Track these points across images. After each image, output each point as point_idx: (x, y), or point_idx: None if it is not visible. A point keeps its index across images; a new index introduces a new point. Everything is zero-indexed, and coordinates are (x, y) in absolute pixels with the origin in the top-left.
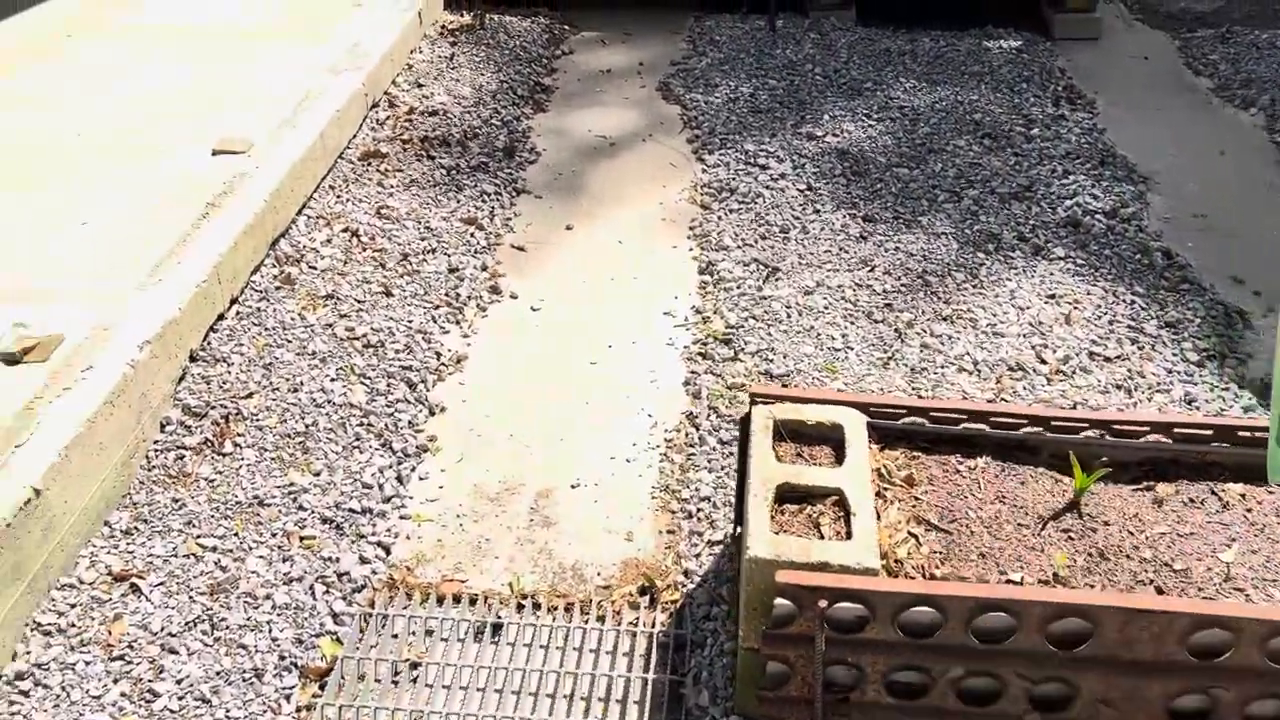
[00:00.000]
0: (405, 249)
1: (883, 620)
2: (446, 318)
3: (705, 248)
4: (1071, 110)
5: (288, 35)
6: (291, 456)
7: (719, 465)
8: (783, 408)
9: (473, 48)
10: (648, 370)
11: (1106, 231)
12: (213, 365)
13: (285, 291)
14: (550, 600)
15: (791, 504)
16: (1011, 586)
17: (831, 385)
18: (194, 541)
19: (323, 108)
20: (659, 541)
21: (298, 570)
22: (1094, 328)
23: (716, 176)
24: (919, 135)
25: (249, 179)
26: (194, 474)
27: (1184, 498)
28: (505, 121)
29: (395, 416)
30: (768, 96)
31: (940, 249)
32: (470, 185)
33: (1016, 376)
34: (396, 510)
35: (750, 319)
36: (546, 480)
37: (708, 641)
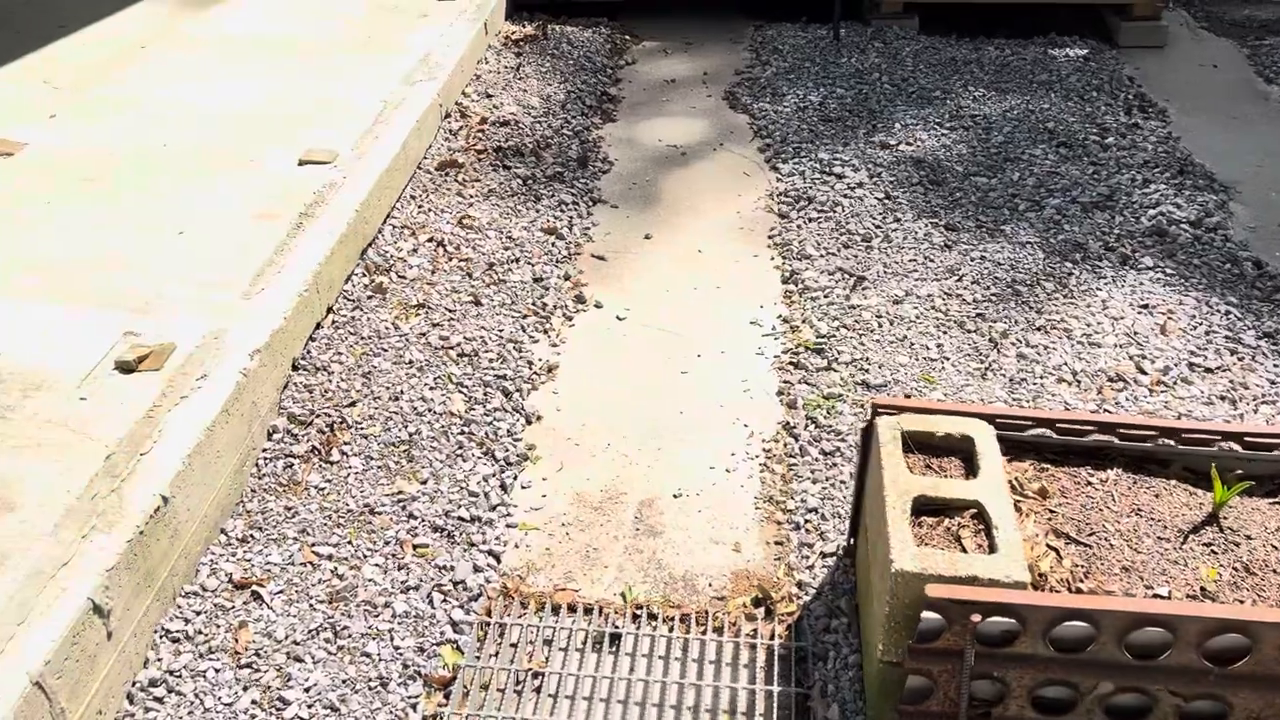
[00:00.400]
0: (490, 258)
1: (1033, 634)
2: (535, 327)
3: (787, 256)
4: (1145, 119)
5: (359, 47)
6: (397, 465)
7: (823, 476)
8: (909, 419)
9: (538, 58)
10: (739, 380)
11: (1193, 241)
12: (314, 374)
13: (377, 300)
14: (665, 610)
15: (928, 516)
16: (1170, 601)
17: (931, 395)
18: (309, 549)
19: (402, 118)
20: (768, 553)
21: (414, 579)
22: (1191, 338)
23: (793, 185)
24: (993, 144)
25: (338, 189)
26: (304, 482)
27: None
28: (576, 131)
29: (494, 425)
30: (837, 105)
31: (1027, 258)
32: (548, 195)
33: (1118, 387)
34: (503, 519)
35: (841, 328)
36: (648, 489)
37: (829, 654)
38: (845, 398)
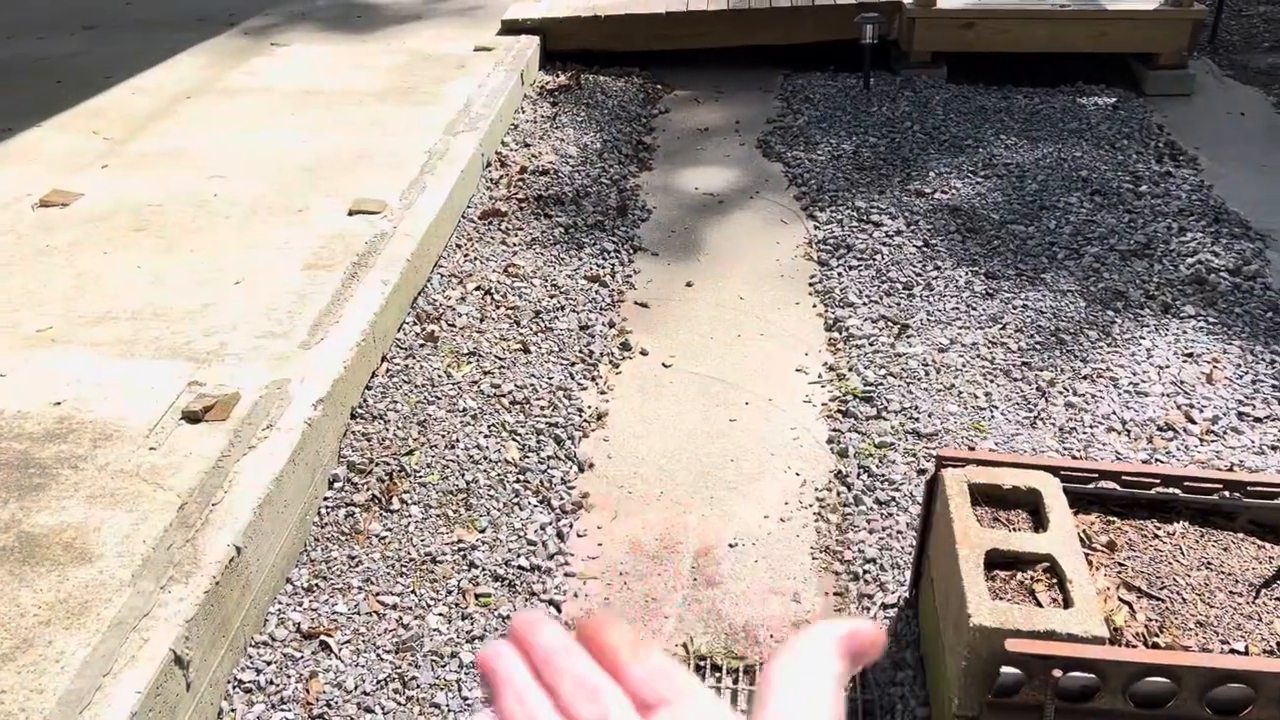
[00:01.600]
0: (536, 306)
1: (1113, 690)
2: (583, 374)
3: (829, 304)
4: (1176, 167)
5: (400, 97)
6: (456, 513)
7: (879, 526)
8: (974, 471)
9: (573, 107)
10: (788, 428)
11: (1233, 289)
12: (371, 422)
13: (429, 349)
14: (728, 662)
15: (1000, 569)
16: (1252, 658)
17: (982, 445)
18: (374, 599)
19: (447, 168)
20: (827, 603)
21: (478, 628)
22: (1238, 387)
23: (831, 233)
24: (1028, 192)
25: (389, 239)
26: (365, 531)
27: None
28: (614, 180)
29: (549, 473)
30: (870, 154)
31: (1068, 306)
32: (590, 243)
33: (1168, 437)
34: (561, 568)
35: (888, 376)
36: (703, 538)
37: (896, 707)
38: (897, 446)
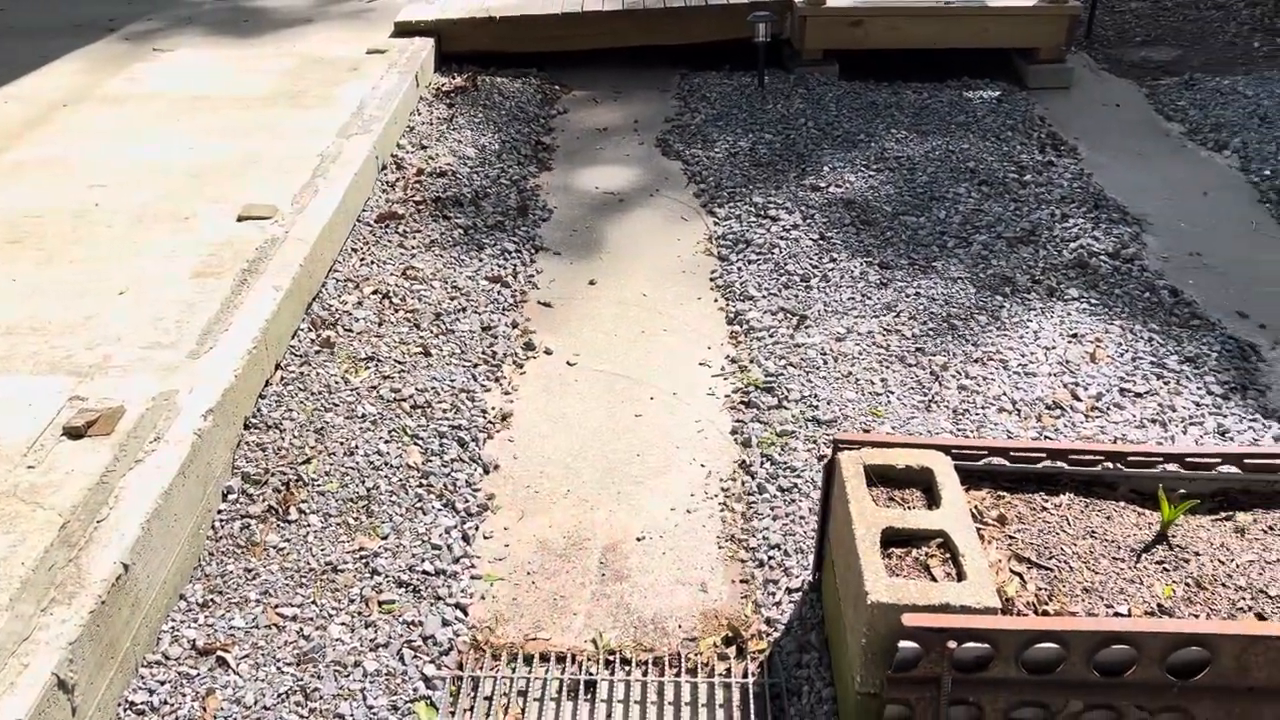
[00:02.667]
0: (437, 309)
1: (1006, 658)
2: (486, 375)
3: (730, 298)
4: (1058, 156)
5: (289, 102)
6: (357, 520)
7: (783, 513)
8: (870, 453)
9: (470, 109)
10: (693, 420)
11: (1113, 272)
12: (265, 432)
13: (325, 355)
14: (637, 655)
15: (896, 547)
16: (1134, 619)
17: (880, 429)
18: (273, 611)
19: (339, 172)
20: (734, 591)
21: (383, 636)
22: (1119, 365)
23: (730, 229)
24: (919, 184)
25: (280, 244)
26: (262, 542)
27: (1263, 526)
28: (513, 180)
29: (453, 476)
30: (766, 150)
31: (959, 293)
32: (490, 244)
33: (1055, 414)
34: (468, 571)
35: (788, 366)
36: (611, 534)
37: (803, 690)
38: (798, 434)
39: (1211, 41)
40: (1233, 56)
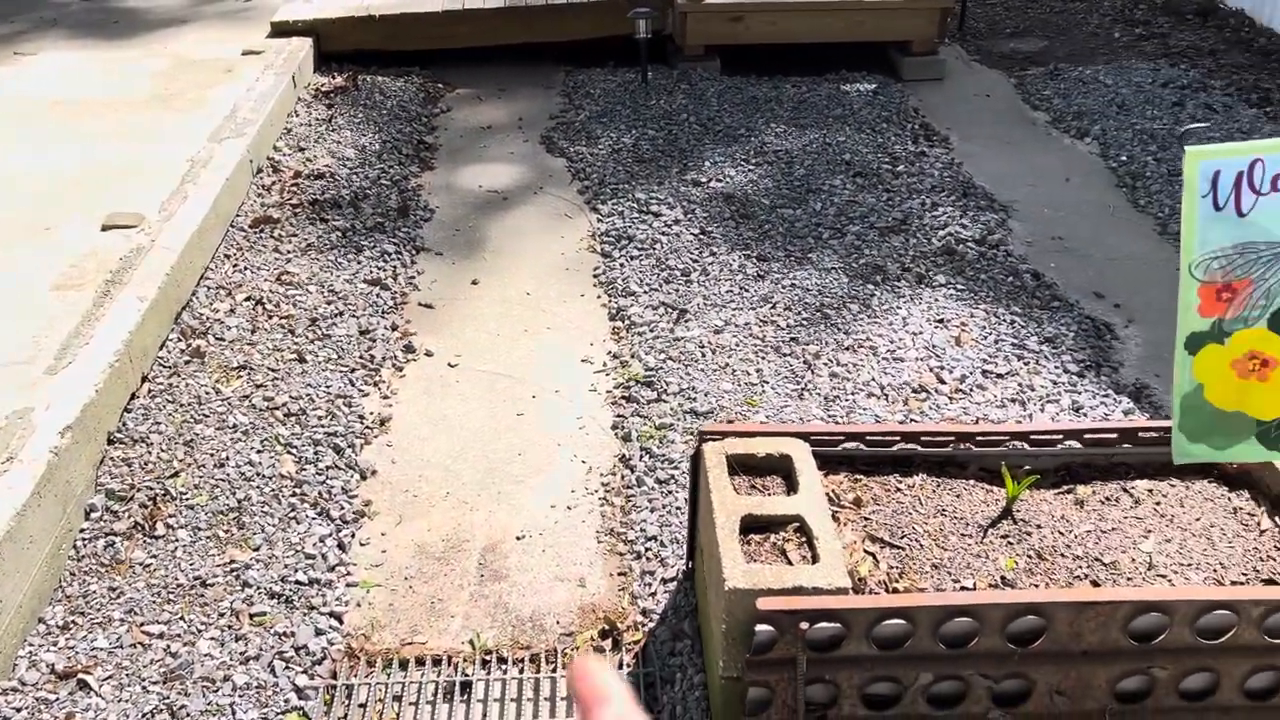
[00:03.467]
0: (312, 314)
1: (858, 636)
2: (364, 380)
3: (612, 294)
4: (930, 147)
5: (160, 105)
6: (228, 533)
7: (660, 504)
8: (731, 443)
9: (350, 109)
10: (574, 417)
11: (979, 258)
12: (131, 446)
13: (196, 365)
14: (514, 653)
15: (755, 533)
16: (976, 592)
17: (755, 418)
18: (139, 630)
19: (211, 176)
20: (612, 584)
21: (253, 649)
22: (982, 347)
23: (613, 225)
24: (796, 177)
25: (146, 253)
26: (128, 560)
27: (1100, 497)
28: (394, 180)
29: (328, 484)
30: (649, 146)
31: (833, 283)
32: (369, 246)
33: (921, 398)
34: (343, 579)
35: (668, 360)
36: (490, 534)
37: (676, 677)
38: (676, 426)
39: (1076, 33)
40: (1095, 47)
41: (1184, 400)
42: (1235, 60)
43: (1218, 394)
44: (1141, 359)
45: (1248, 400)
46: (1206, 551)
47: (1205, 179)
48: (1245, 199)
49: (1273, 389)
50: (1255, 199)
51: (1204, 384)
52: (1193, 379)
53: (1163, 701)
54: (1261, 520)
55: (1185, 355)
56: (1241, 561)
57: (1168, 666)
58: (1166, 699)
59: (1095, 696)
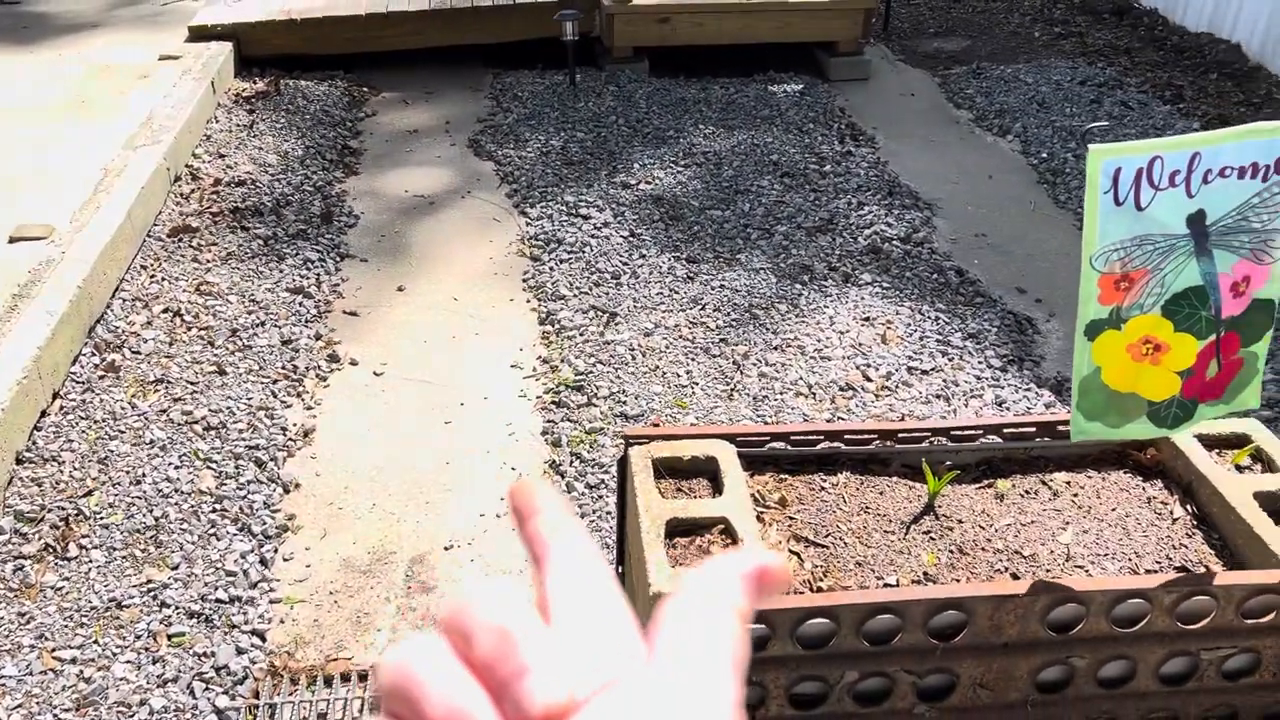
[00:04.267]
0: (233, 324)
1: (782, 636)
2: (287, 391)
3: (542, 298)
4: (856, 146)
5: (72, 112)
6: (144, 552)
7: (590, 510)
8: (657, 446)
9: (272, 114)
10: (504, 424)
11: (904, 256)
12: (41, 466)
13: (110, 380)
14: None
15: (681, 537)
16: (898, 588)
17: (685, 420)
18: (49, 656)
19: (125, 185)
20: None
21: (171, 670)
22: (908, 344)
23: (542, 229)
24: (724, 178)
25: (56, 265)
26: (37, 584)
27: (1020, 491)
28: (318, 186)
29: (249, 498)
30: (578, 149)
31: (761, 283)
32: (291, 254)
33: (848, 396)
34: (265, 595)
35: (598, 364)
36: (417, 546)
37: None
38: (606, 430)
39: (997, 32)
40: (1016, 46)
41: (1082, 382)
42: (1150, 58)
43: (1114, 376)
44: (1062, 352)
45: (1141, 382)
46: (1122, 541)
47: (1106, 176)
48: (1144, 194)
49: (1163, 372)
50: (1154, 194)
51: (1101, 366)
52: (1091, 362)
53: (1082, 690)
54: (1174, 509)
55: (1085, 341)
56: (1155, 550)
57: (1085, 656)
58: (1086, 687)
59: (1017, 688)
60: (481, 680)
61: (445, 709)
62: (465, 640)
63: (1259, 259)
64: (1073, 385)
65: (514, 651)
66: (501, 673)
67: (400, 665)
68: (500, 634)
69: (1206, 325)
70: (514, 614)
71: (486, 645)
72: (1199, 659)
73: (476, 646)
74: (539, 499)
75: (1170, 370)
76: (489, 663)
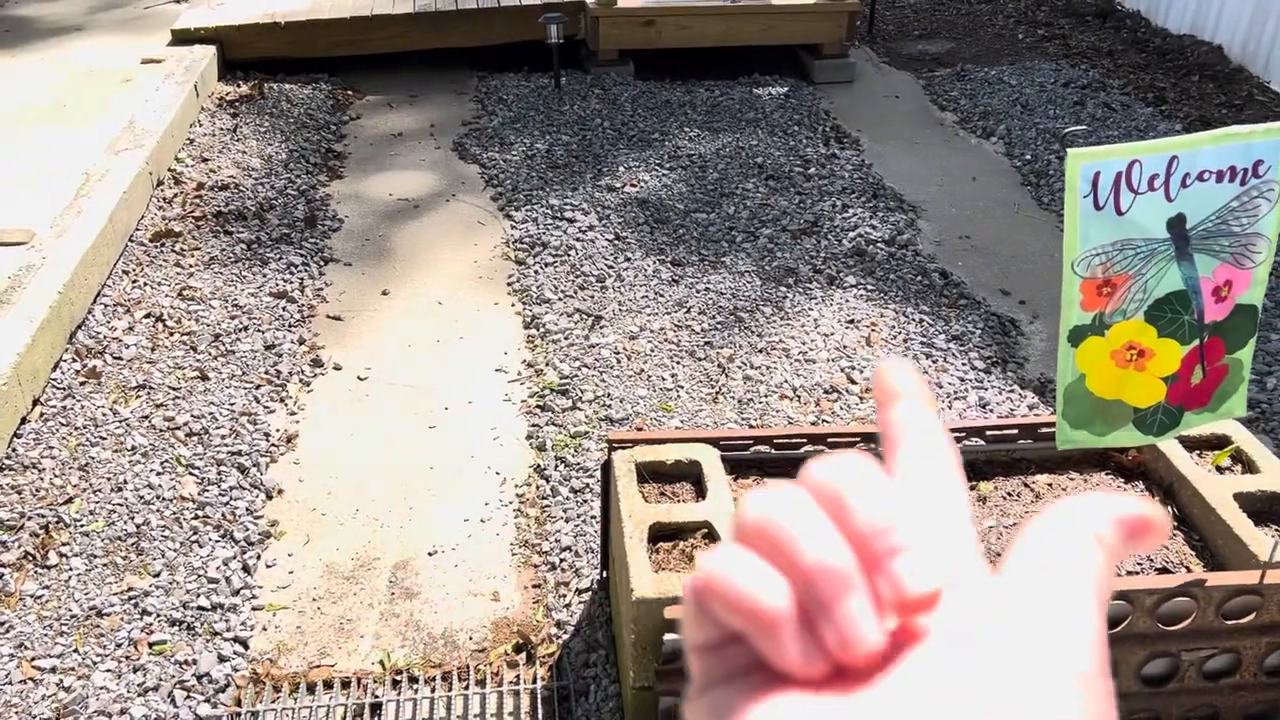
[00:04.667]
0: (215, 329)
1: None
2: (270, 396)
3: (527, 302)
4: (841, 149)
5: (53, 116)
6: (126, 560)
7: (575, 514)
8: (641, 450)
9: (255, 118)
10: (488, 428)
11: (889, 258)
12: (21, 473)
13: (92, 386)
14: (425, 671)
15: (664, 541)
16: None
17: (670, 424)
18: (29, 665)
19: (107, 190)
20: (526, 597)
21: (152, 679)
22: (892, 346)
23: (527, 232)
24: (709, 181)
25: (36, 271)
26: (17, 592)
27: (1002, 493)
28: (301, 190)
29: (231, 505)
30: (563, 152)
31: (746, 286)
32: (275, 258)
33: (833, 398)
34: (248, 602)
35: (583, 368)
36: (401, 551)
37: (590, 689)
38: (591, 434)
39: (981, 34)
40: (1000, 47)
41: (1067, 390)
42: (1132, 60)
43: (1098, 383)
44: (1045, 353)
45: (1126, 388)
46: None
47: (1086, 180)
48: (1124, 198)
49: (1148, 378)
50: (1133, 198)
51: (1086, 374)
52: (1075, 369)
53: None
54: None
55: (1068, 347)
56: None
57: None
58: None
59: None
60: (855, 548)
61: (819, 563)
62: (839, 507)
63: (1239, 263)
64: (1057, 392)
65: (895, 528)
66: (880, 546)
67: (774, 508)
68: (881, 508)
69: (1190, 330)
70: (891, 491)
71: (867, 516)
72: (1179, 660)
73: (855, 515)
74: (904, 384)
75: (1155, 376)
76: (868, 534)
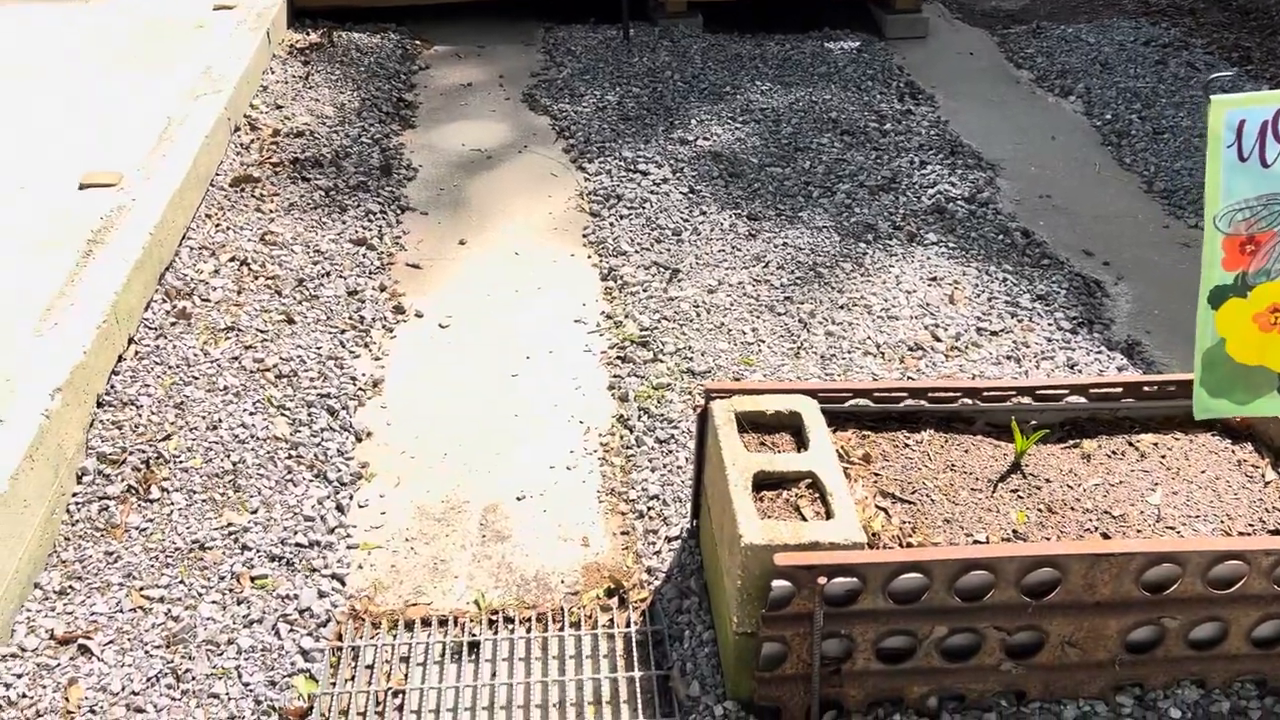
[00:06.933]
0: (299, 274)
1: (873, 590)
2: (354, 341)
3: (603, 254)
4: (916, 105)
5: (133, 63)
6: (224, 496)
7: (660, 464)
8: (740, 400)
9: (326, 66)
10: (570, 378)
11: (969, 216)
12: (121, 409)
13: (182, 327)
14: (521, 613)
15: (768, 490)
16: (991, 545)
17: (752, 377)
18: (138, 594)
19: (189, 134)
20: (615, 543)
21: (256, 611)
22: (976, 305)
23: (601, 184)
24: (783, 135)
25: (127, 211)
26: (123, 524)
27: (1106, 451)
28: (375, 139)
29: (323, 446)
30: (634, 104)
31: (824, 242)
32: (353, 205)
33: (917, 355)
34: (343, 540)
35: (662, 320)
36: (490, 495)
37: (685, 634)
38: (673, 386)
39: None
40: (1076, 5)
41: (1206, 355)
42: (1215, 19)
43: (1239, 348)
44: (1131, 315)
45: (1269, 354)
46: (1213, 503)
47: (1230, 128)
48: (1270, 149)
49: None
50: None
51: (1226, 338)
52: (1215, 334)
53: (1171, 651)
54: (1266, 472)
55: (1208, 309)
56: (1248, 513)
57: (1178, 616)
58: (1175, 649)
59: (1106, 647)
60: None
61: None
62: None
63: None
64: (1195, 358)
65: None
66: None
67: None
68: None
69: None
70: None
71: None
72: None
73: None
74: None
75: None
76: None
